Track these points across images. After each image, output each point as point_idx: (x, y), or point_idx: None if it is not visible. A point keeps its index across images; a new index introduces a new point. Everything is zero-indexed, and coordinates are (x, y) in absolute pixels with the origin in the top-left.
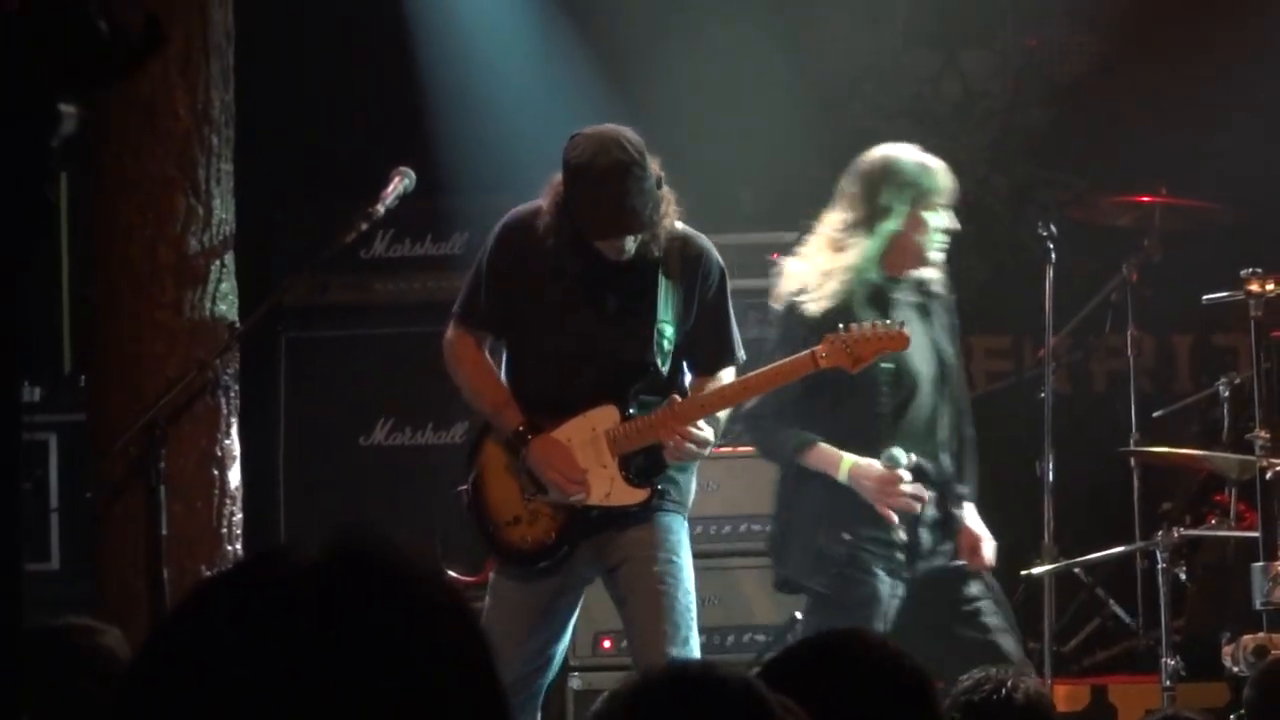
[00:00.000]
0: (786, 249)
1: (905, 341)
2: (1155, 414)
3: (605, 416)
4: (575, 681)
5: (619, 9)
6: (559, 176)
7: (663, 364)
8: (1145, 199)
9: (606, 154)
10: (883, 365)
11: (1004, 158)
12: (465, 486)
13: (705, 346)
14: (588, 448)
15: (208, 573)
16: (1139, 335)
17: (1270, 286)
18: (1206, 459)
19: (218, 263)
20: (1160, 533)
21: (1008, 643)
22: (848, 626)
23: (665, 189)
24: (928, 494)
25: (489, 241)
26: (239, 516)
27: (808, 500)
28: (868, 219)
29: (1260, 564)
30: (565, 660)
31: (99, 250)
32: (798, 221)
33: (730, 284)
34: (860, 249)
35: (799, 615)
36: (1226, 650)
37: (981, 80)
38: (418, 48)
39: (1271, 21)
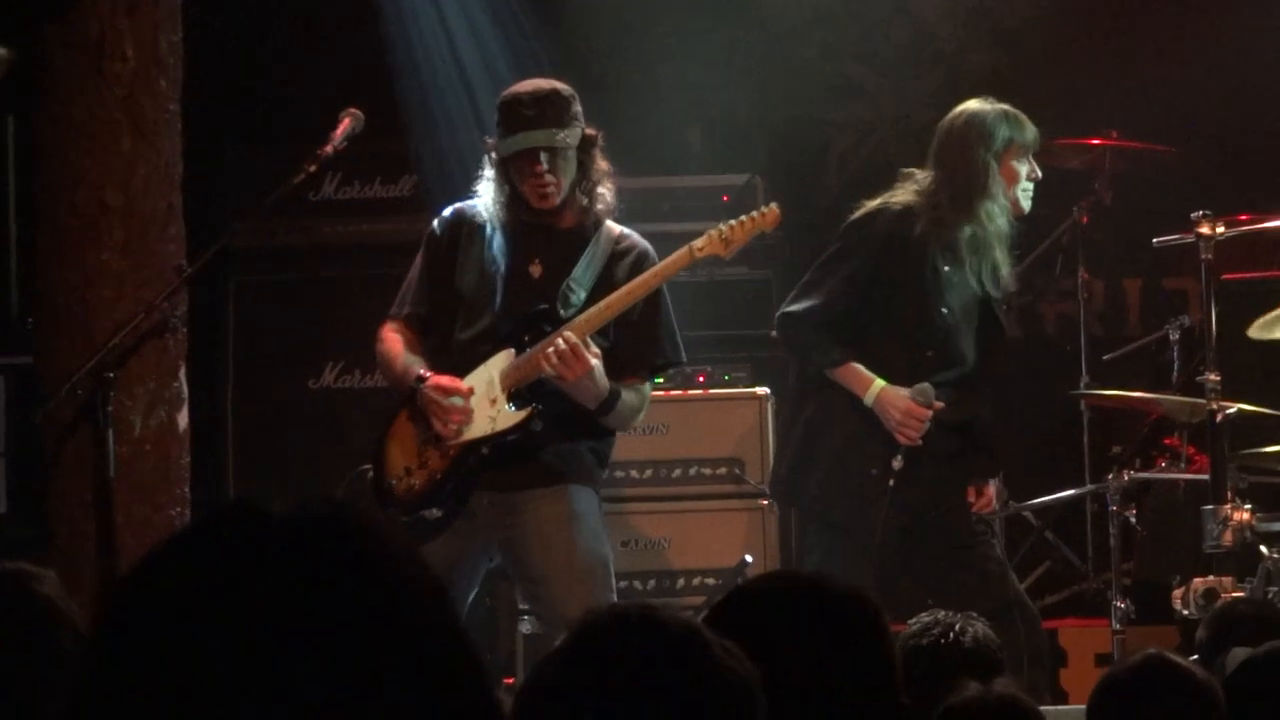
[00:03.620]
0: (737, 191)
1: (776, 217)
2: (1105, 357)
3: (502, 359)
4: (525, 626)
5: None
6: (488, 141)
7: (565, 311)
8: (1095, 142)
9: (530, 80)
10: (942, 310)
11: (953, 100)
12: (367, 466)
13: (631, 344)
14: (483, 390)
15: (156, 515)
16: (1089, 278)
17: (1220, 229)
18: (1157, 402)
19: (165, 205)
20: (1110, 476)
21: (1010, 578)
22: (790, 568)
23: (604, 164)
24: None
25: (423, 241)
26: (187, 459)
27: (830, 430)
28: (968, 179)
29: (1210, 507)
30: (515, 604)
31: (46, 193)
32: (748, 163)
33: (674, 226)
34: (993, 223)
35: (748, 558)
36: (1176, 594)
37: (931, 22)
38: None
39: None
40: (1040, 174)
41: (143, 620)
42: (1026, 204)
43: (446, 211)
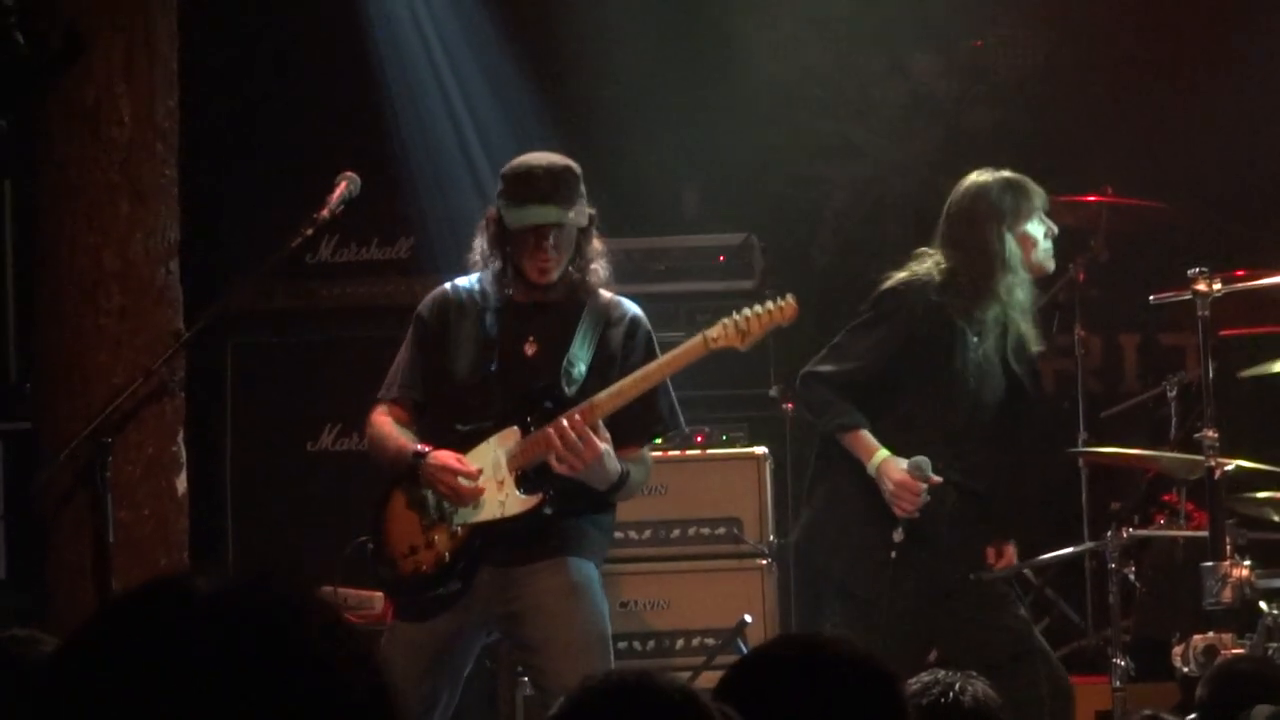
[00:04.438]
0: (733, 251)
1: (794, 311)
2: (1103, 414)
3: (507, 437)
4: (525, 689)
5: (562, 12)
6: (490, 211)
7: (569, 388)
8: (1092, 199)
9: (540, 154)
10: (968, 383)
11: (950, 158)
12: (367, 539)
13: (631, 414)
14: (489, 468)
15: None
16: (1086, 335)
17: (1217, 286)
18: (1154, 459)
19: (163, 269)
20: (1109, 533)
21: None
22: (807, 632)
23: (599, 244)
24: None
25: (411, 324)
26: (186, 523)
27: (846, 504)
28: (985, 257)
29: (1209, 564)
30: (515, 667)
31: (44, 257)
32: (744, 223)
33: (670, 286)
34: (1013, 297)
35: (747, 618)
36: (1176, 650)
37: (928, 81)
38: (363, 54)
39: (1217, 23)
40: (1057, 230)
41: (69, 700)
42: (1050, 263)
43: (434, 293)
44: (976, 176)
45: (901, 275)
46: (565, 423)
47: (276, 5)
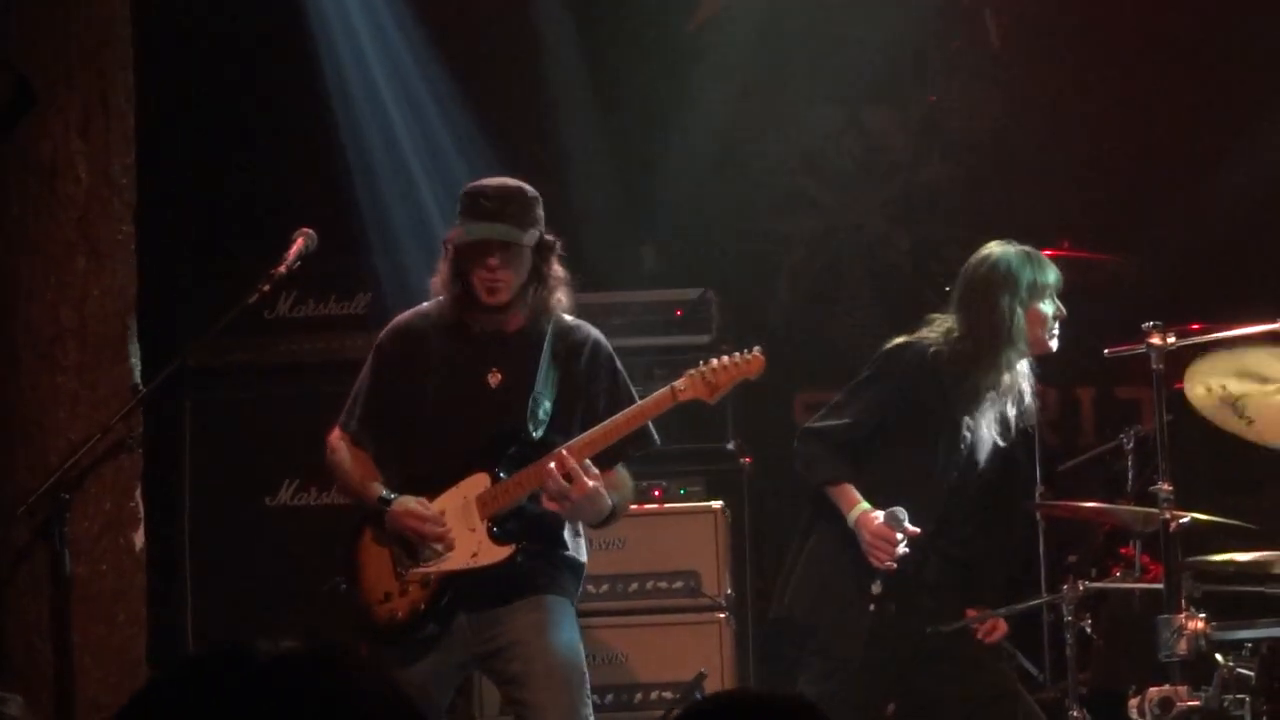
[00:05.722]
0: (690, 306)
1: (761, 364)
2: (1060, 467)
3: (476, 483)
4: None
5: (518, 69)
6: (450, 233)
7: (536, 430)
8: (1047, 253)
9: (502, 178)
10: (958, 449)
11: (906, 213)
12: (341, 579)
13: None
14: (458, 514)
15: (113, 635)
16: (1042, 388)
17: (1172, 339)
18: (1111, 512)
19: (120, 326)
20: (1066, 586)
21: (1023, 701)
22: (742, 687)
23: (559, 270)
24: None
25: (371, 353)
26: (143, 579)
27: (828, 561)
28: (992, 326)
29: (1165, 616)
30: (476, 705)
31: (0, 314)
32: (701, 278)
33: (627, 341)
34: (1012, 371)
35: (704, 671)
36: (1132, 703)
37: (883, 135)
38: (322, 110)
39: (1166, 78)
40: (1065, 312)
41: None
42: (1053, 344)
43: (394, 322)
44: (996, 247)
45: (905, 337)
46: (553, 464)
47: (234, 63)
